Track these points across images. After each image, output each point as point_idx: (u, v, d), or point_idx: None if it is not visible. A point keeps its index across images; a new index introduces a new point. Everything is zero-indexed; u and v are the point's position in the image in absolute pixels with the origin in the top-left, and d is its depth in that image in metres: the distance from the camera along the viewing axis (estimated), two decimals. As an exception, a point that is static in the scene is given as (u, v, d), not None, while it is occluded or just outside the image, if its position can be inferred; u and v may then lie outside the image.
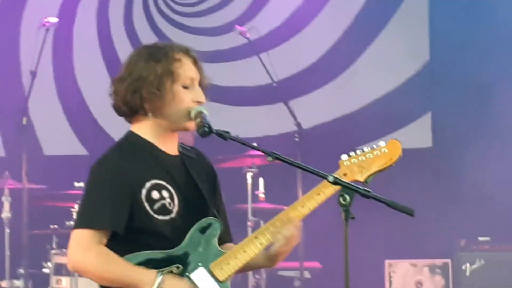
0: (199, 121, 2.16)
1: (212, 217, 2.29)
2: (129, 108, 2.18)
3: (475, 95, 7.39)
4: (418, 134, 7.33)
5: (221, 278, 2.27)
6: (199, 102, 2.21)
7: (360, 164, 2.31)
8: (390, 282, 6.68)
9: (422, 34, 7.55)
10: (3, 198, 6.03)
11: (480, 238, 7.11)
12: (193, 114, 2.17)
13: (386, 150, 2.31)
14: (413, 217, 2.19)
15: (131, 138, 2.27)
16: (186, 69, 2.23)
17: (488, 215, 7.29)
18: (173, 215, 2.23)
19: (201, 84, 2.28)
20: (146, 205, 2.17)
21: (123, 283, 2.19)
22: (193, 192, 2.32)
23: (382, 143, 2.28)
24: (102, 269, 2.19)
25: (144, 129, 2.24)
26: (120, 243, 2.16)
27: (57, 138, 7.43)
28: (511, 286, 6.79)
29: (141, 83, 2.15)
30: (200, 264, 2.31)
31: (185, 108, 2.18)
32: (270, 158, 2.17)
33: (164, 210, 2.22)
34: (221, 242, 2.33)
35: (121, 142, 2.29)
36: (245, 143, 2.37)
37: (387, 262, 6.83)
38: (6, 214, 6.06)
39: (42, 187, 6.30)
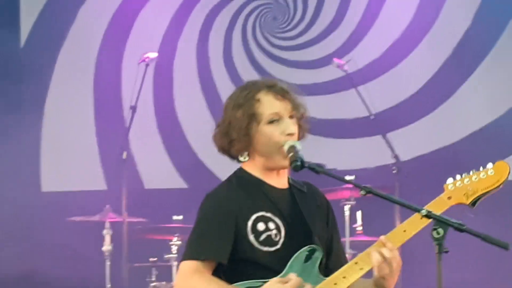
0: (292, 156, 2.23)
1: (312, 246, 2.34)
2: (225, 152, 2.40)
3: None
4: (519, 166, 6.81)
5: None
6: (289, 135, 2.28)
7: (465, 187, 2.30)
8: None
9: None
10: (104, 232, 6.11)
11: None
12: (285, 149, 2.25)
13: (493, 172, 2.28)
14: (507, 250, 2.16)
15: (240, 174, 2.42)
16: (268, 107, 2.34)
17: None
18: (278, 246, 2.32)
19: (292, 116, 2.36)
20: (251, 236, 2.29)
21: None
22: (299, 224, 2.40)
23: (489, 164, 2.27)
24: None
25: (252, 165, 2.39)
26: (224, 273, 2.30)
27: (157, 171, 7.51)
28: None
29: (230, 129, 2.35)
30: None
31: (275, 143, 2.28)
32: (363, 192, 2.19)
33: (269, 241, 2.31)
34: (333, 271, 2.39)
35: (230, 178, 2.43)
36: (336, 177, 2.48)
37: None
38: (107, 247, 6.12)
39: (142, 220, 6.37)
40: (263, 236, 2.38)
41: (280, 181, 2.47)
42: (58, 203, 7.16)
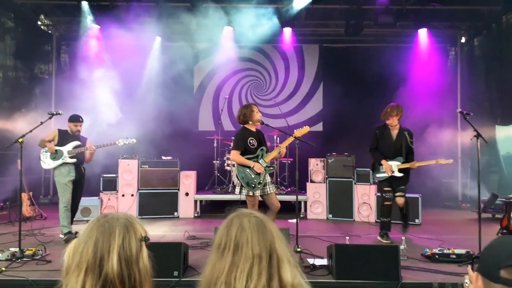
0: (260, 121, 7.22)
1: (263, 147, 7.26)
2: (240, 121, 7.40)
3: None
4: None
5: (266, 161, 7.18)
6: (260, 117, 7.25)
7: (298, 131, 7.10)
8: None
9: None
10: (215, 141, 11.18)
11: None
12: (259, 120, 7.25)
13: (304, 128, 7.23)
14: (314, 146, 6.95)
15: (244, 128, 7.29)
16: (256, 110, 7.34)
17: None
18: (254, 147, 7.21)
19: (260, 112, 7.37)
20: (248, 144, 7.13)
21: (244, 163, 7.16)
22: (259, 141, 7.34)
23: (305, 127, 7.22)
24: (237, 159, 7.19)
25: (248, 126, 7.26)
26: (242, 153, 7.19)
27: (228, 126, 13.27)
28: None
29: (242, 114, 7.34)
30: (261, 158, 7.26)
31: (256, 119, 7.20)
32: (276, 128, 7.61)
33: (253, 145, 7.17)
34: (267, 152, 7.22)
35: (241, 128, 7.31)
36: (271, 126, 7.69)
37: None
38: (215, 144, 10.68)
39: (219, 137, 11.76)
40: (251, 143, 7.06)
41: (254, 129, 7.12)
42: (205, 133, 12.65)
